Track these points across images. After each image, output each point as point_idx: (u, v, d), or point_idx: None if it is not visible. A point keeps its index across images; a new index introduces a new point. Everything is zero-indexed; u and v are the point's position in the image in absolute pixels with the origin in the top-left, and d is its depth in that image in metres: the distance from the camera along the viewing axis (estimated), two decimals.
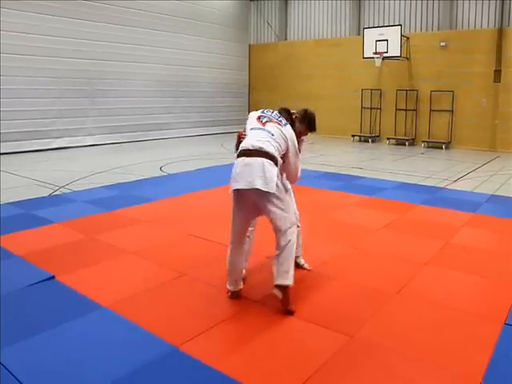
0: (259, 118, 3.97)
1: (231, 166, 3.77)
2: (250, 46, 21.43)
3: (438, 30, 16.45)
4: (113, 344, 3.30)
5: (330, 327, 3.53)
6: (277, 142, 3.78)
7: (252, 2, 21.43)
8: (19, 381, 2.85)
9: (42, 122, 13.86)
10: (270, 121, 3.92)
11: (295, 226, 3.92)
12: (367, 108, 17.93)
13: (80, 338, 3.37)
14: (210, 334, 3.42)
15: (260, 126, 3.88)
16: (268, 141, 3.73)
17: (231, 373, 2.94)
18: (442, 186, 9.21)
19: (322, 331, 3.48)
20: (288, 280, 3.72)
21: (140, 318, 3.62)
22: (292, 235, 3.77)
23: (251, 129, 3.90)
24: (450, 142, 16.02)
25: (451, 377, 2.95)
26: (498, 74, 15.08)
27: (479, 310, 3.86)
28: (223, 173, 10.11)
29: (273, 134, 3.79)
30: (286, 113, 4.13)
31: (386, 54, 16.03)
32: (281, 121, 3.95)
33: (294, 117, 4.22)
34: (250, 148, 3.68)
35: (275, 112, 4.06)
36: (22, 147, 13.24)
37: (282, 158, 3.85)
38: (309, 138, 4.72)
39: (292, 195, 4.43)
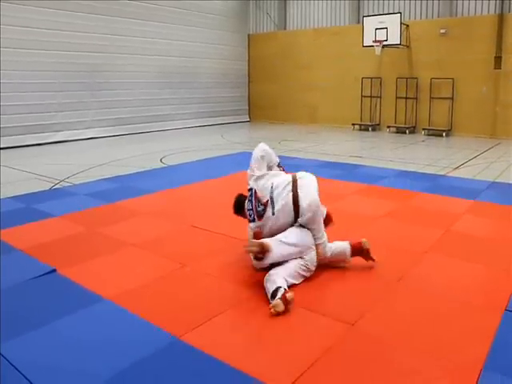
0: None
1: (231, 156, 3.78)
2: (248, 35, 21.32)
3: (438, 17, 16.35)
4: (115, 336, 3.32)
5: (331, 316, 3.54)
6: None
7: None
8: (22, 374, 2.87)
9: (42, 116, 13.84)
10: None
11: None
12: (367, 96, 17.86)
13: (82, 330, 3.38)
14: (212, 325, 3.43)
15: None
16: None
17: (232, 362, 2.96)
18: (442, 173, 9.20)
19: (323, 320, 3.50)
20: None
21: (142, 310, 3.63)
22: None
23: None
24: (450, 130, 15.98)
25: (451, 365, 2.95)
26: (498, 60, 14.99)
27: (479, 298, 3.87)
28: (224, 163, 10.21)
29: None
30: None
31: (385, 42, 15.93)
32: None
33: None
34: None
35: None
36: (22, 141, 13.22)
37: None
38: (309, 127, 4.76)
39: None
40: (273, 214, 4.15)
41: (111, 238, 5.36)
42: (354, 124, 17.92)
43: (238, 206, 4.71)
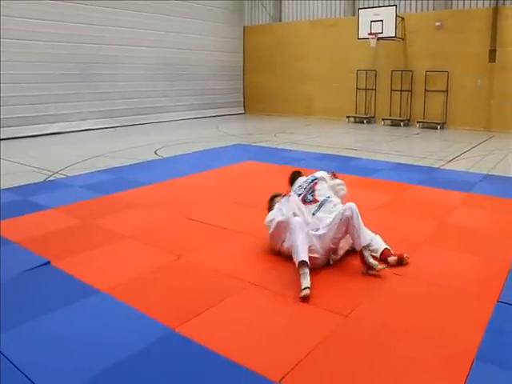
0: None
1: (226, 148, 3.78)
2: (244, 27, 21.24)
3: (433, 9, 16.33)
4: (110, 328, 3.33)
5: (325, 308, 3.56)
6: None
7: None
8: (16, 367, 2.87)
9: (37, 108, 13.78)
10: None
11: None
12: (362, 89, 17.85)
13: (77, 322, 3.39)
14: (207, 316, 3.45)
15: None
16: None
17: (228, 354, 2.97)
18: (437, 166, 9.23)
19: (318, 312, 3.51)
20: None
21: (137, 302, 3.64)
22: None
23: None
24: (445, 123, 16.00)
25: (445, 354, 2.98)
26: (492, 53, 15.00)
27: (473, 288, 3.90)
28: (219, 155, 10.21)
29: None
30: None
31: (380, 35, 15.92)
32: None
33: None
34: None
35: None
36: (17, 133, 13.16)
37: None
38: (304, 119, 4.80)
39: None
40: (313, 214, 4.55)
41: (106, 230, 5.35)
42: (348, 116, 17.93)
43: (293, 179, 5.22)
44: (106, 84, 15.70)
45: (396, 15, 15.69)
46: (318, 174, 5.12)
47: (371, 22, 15.98)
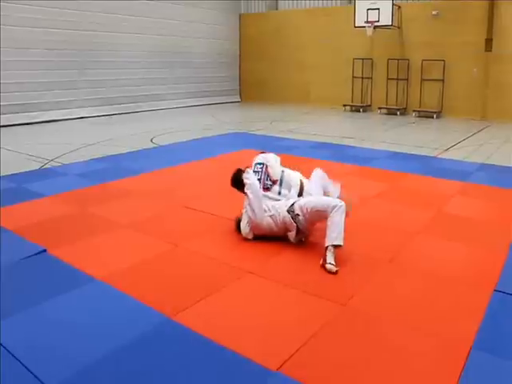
0: None
1: (222, 136, 3.76)
2: (240, 15, 21.10)
3: None
4: (107, 316, 3.32)
5: (323, 296, 3.57)
6: None
7: None
8: (13, 354, 2.86)
9: (32, 95, 13.65)
10: None
11: None
12: (358, 77, 17.78)
13: (74, 310, 3.38)
14: (204, 304, 3.45)
15: None
16: None
17: (224, 342, 2.98)
18: (433, 155, 9.23)
19: (315, 300, 3.52)
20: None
21: (134, 290, 3.63)
22: None
23: None
24: (441, 112, 15.98)
25: (442, 343, 3.00)
26: (489, 42, 14.96)
27: (470, 278, 3.91)
28: (214, 144, 10.18)
29: None
30: None
31: (377, 23, 15.84)
32: None
33: None
34: None
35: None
36: (11, 120, 13.06)
37: None
38: (300, 108, 4.78)
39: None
40: (279, 193, 4.77)
41: (102, 219, 5.34)
42: (345, 105, 17.87)
43: (236, 181, 4.98)
44: (101, 71, 15.57)
45: (393, 4, 15.60)
46: (259, 159, 5.08)
47: (368, 10, 15.89)
